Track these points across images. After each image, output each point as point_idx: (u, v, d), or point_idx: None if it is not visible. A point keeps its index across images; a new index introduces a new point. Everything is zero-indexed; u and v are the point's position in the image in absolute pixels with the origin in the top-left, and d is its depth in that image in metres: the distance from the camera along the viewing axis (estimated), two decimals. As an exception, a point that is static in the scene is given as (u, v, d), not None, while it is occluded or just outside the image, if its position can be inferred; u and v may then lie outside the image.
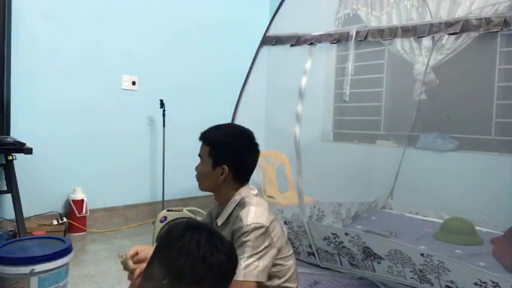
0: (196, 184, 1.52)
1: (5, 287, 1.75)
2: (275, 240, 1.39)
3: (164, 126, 3.66)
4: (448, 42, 3.23)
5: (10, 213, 2.75)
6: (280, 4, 2.59)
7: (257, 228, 1.33)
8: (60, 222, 3.03)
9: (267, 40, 2.60)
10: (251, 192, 1.49)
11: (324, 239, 2.39)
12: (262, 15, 4.23)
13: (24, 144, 2.59)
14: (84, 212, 3.22)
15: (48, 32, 3.14)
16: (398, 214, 3.57)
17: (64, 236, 2.82)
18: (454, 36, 2.88)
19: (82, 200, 3.21)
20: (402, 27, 2.11)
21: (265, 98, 3.99)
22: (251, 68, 2.67)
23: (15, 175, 2.61)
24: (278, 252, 1.40)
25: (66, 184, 3.24)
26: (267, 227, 1.35)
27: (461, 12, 3.00)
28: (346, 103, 3.43)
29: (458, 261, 1.95)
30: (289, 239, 1.60)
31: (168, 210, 2.86)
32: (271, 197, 3.29)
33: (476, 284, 1.80)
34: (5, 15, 2.89)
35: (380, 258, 2.16)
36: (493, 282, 1.75)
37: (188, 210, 2.87)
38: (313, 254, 2.52)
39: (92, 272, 2.51)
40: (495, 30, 1.81)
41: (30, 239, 2.11)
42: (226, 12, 4.22)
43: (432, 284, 1.99)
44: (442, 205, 3.34)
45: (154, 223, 2.88)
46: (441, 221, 3.09)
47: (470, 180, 3.14)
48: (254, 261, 1.29)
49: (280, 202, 3.13)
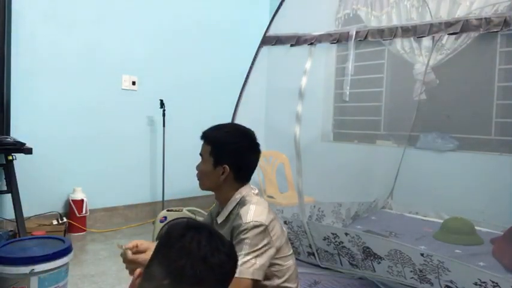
0: (196, 184, 1.52)
1: (5, 287, 1.75)
2: (274, 239, 1.39)
3: (164, 126, 3.66)
4: (448, 42, 3.23)
5: (10, 213, 2.75)
6: (280, 4, 2.59)
7: (256, 226, 1.33)
8: (60, 222, 3.03)
9: (267, 40, 2.60)
10: (252, 191, 1.49)
11: (324, 239, 2.39)
12: (262, 15, 4.22)
13: (24, 144, 2.59)
14: (84, 212, 3.23)
15: (48, 32, 3.14)
16: (398, 214, 3.57)
17: (64, 236, 2.82)
18: (454, 36, 2.88)
19: (82, 200, 3.22)
20: (402, 27, 2.11)
21: (265, 98, 3.98)
22: (251, 68, 2.67)
23: (15, 175, 2.62)
24: (277, 251, 1.40)
25: (66, 184, 3.24)
26: (266, 226, 1.35)
27: (461, 12, 3.00)
28: (346, 103, 3.43)
29: (458, 261, 1.95)
30: (289, 239, 1.60)
31: (168, 210, 2.87)
32: (271, 197, 3.28)
33: (476, 284, 1.80)
34: (5, 15, 2.89)
35: (380, 258, 2.16)
36: (493, 282, 1.75)
37: (188, 210, 2.87)
38: (313, 254, 2.52)
39: (92, 272, 2.51)
40: (495, 30, 1.81)
41: (30, 239, 2.10)
42: (226, 12, 4.22)
43: (432, 284, 1.99)
44: (442, 205, 3.34)
45: (154, 223, 2.88)
46: (441, 221, 3.09)
47: (470, 180, 3.14)
48: (251, 258, 1.29)
49: (280, 202, 3.13)
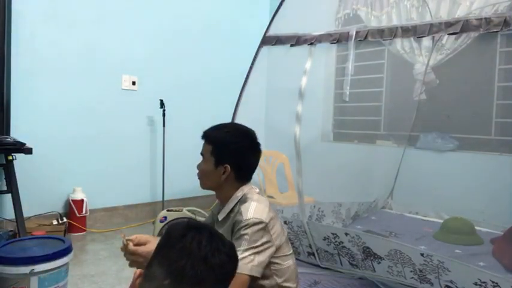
0: (196, 184, 1.52)
1: (5, 287, 1.75)
2: (274, 237, 1.39)
3: (164, 126, 3.66)
4: (448, 42, 3.23)
5: (10, 213, 2.75)
6: (280, 4, 2.58)
7: (256, 223, 1.33)
8: (60, 222, 3.03)
9: (267, 40, 2.60)
10: (253, 190, 1.49)
11: (324, 239, 2.39)
12: (262, 15, 4.23)
13: (24, 144, 2.59)
14: (84, 212, 3.22)
15: (48, 32, 3.14)
16: (398, 214, 3.57)
17: (64, 236, 2.82)
18: (454, 36, 2.88)
19: (82, 200, 3.21)
20: (402, 27, 2.11)
21: (265, 98, 3.98)
22: (251, 68, 2.67)
23: (15, 175, 2.61)
24: (277, 250, 1.40)
25: (66, 184, 3.24)
26: (266, 224, 1.35)
27: (461, 12, 3.00)
28: (346, 103, 3.43)
29: (458, 261, 1.95)
30: (289, 239, 1.60)
31: (168, 210, 2.87)
32: (271, 197, 3.28)
33: (476, 284, 1.80)
34: (5, 15, 2.89)
35: (380, 258, 2.16)
36: (493, 282, 1.75)
37: (188, 210, 2.88)
38: (313, 254, 2.52)
39: (92, 272, 2.51)
40: (495, 30, 1.81)
41: (30, 239, 2.10)
42: (226, 12, 4.22)
43: (432, 284, 1.99)
44: (442, 205, 3.34)
45: (154, 223, 2.88)
46: (441, 221, 3.09)
47: (470, 180, 3.14)
48: (250, 255, 1.29)
49: (280, 202, 3.13)
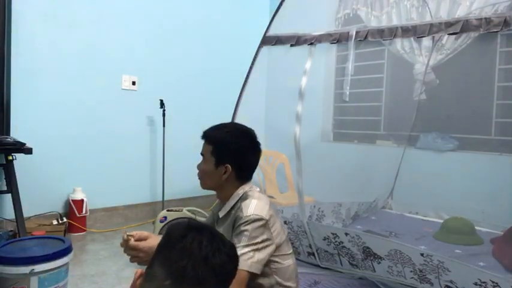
0: (196, 184, 1.52)
1: (5, 287, 1.75)
2: (274, 235, 1.39)
3: (164, 126, 3.66)
4: (448, 42, 3.23)
5: (10, 213, 2.75)
6: (280, 4, 2.58)
7: (256, 220, 1.33)
8: (60, 222, 3.03)
9: (267, 40, 2.60)
10: (254, 188, 1.49)
11: (324, 239, 2.39)
12: (262, 15, 4.22)
13: (24, 144, 2.59)
14: (84, 212, 3.22)
15: (48, 32, 3.14)
16: (398, 214, 3.58)
17: (64, 236, 2.82)
18: (454, 36, 2.87)
19: (82, 200, 3.21)
20: (402, 27, 2.11)
21: (265, 98, 3.98)
22: (251, 68, 2.66)
23: (15, 175, 2.61)
24: (277, 249, 1.40)
25: (66, 184, 3.24)
26: (267, 221, 1.36)
27: (461, 12, 3.01)
28: (346, 103, 3.43)
29: (458, 261, 1.94)
30: (289, 239, 1.60)
31: (168, 210, 2.87)
32: (271, 197, 3.27)
33: (476, 284, 1.80)
34: (5, 15, 2.89)
35: (380, 258, 2.16)
36: (493, 282, 1.75)
37: (188, 210, 2.88)
38: (313, 254, 2.52)
39: (92, 272, 2.50)
40: (495, 30, 1.81)
41: (30, 239, 2.10)
42: (226, 12, 4.22)
43: (432, 284, 1.99)
44: (442, 205, 3.34)
45: (154, 223, 2.88)
46: (441, 221, 3.09)
47: (470, 180, 3.14)
48: (249, 251, 1.29)
49: (280, 202, 3.13)
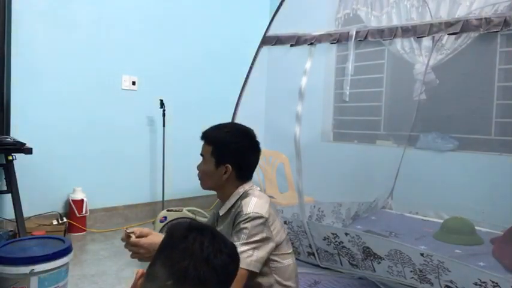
0: (196, 184, 1.52)
1: (5, 287, 1.75)
2: (274, 233, 1.39)
3: (164, 126, 3.66)
4: (448, 42, 3.23)
5: (10, 213, 2.75)
6: (280, 4, 2.58)
7: (256, 218, 1.33)
8: (60, 222, 3.03)
9: (267, 40, 2.60)
10: (254, 187, 1.50)
11: (324, 239, 2.39)
12: (262, 15, 4.22)
13: (24, 144, 2.59)
14: (84, 212, 3.23)
15: (48, 32, 3.14)
16: (398, 214, 3.58)
17: (64, 236, 2.82)
18: (454, 36, 2.87)
19: (82, 200, 3.21)
20: (402, 27, 2.11)
21: (265, 98, 3.98)
22: (251, 68, 2.66)
23: (15, 175, 2.61)
24: (276, 248, 1.40)
25: (66, 184, 3.24)
26: (266, 218, 1.36)
27: (461, 12, 3.00)
28: (346, 103, 3.42)
29: (458, 261, 1.95)
30: (289, 239, 1.60)
31: (168, 210, 2.86)
32: (271, 197, 3.25)
33: (476, 284, 1.80)
34: (5, 15, 2.89)
35: (380, 258, 2.16)
36: (493, 282, 1.74)
37: (188, 210, 2.87)
38: (313, 254, 2.52)
39: (92, 272, 2.51)
40: (495, 30, 1.81)
41: (30, 239, 2.10)
42: (226, 12, 4.22)
43: (432, 284, 1.99)
44: (442, 205, 3.34)
45: (154, 223, 2.88)
46: (441, 221, 3.09)
47: (470, 180, 3.14)
48: (249, 249, 1.29)
49: (280, 202, 3.13)
